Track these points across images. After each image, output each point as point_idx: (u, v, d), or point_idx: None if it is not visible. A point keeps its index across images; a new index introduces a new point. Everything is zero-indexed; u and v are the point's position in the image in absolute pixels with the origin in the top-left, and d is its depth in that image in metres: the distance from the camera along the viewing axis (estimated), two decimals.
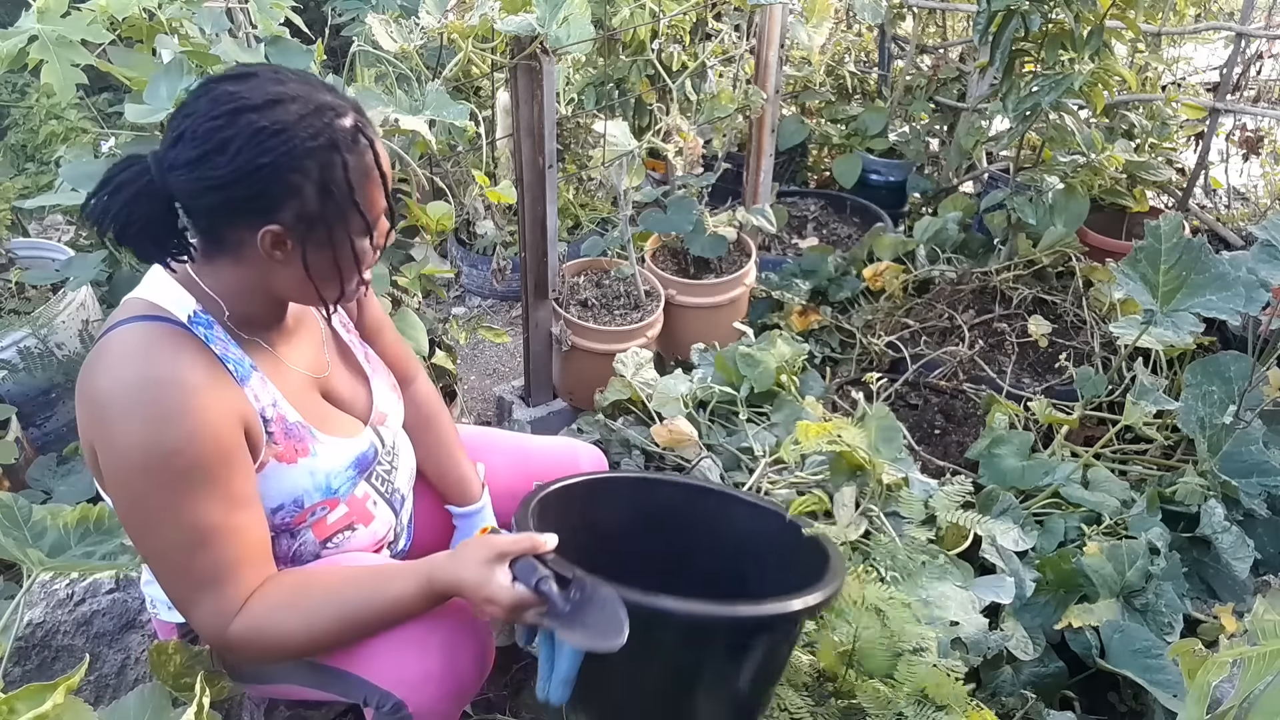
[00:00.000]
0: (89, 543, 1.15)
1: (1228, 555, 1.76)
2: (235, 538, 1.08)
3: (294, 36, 1.97)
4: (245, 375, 1.15)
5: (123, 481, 1.05)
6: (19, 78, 3.70)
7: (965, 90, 3.45)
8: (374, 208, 1.12)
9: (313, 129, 1.05)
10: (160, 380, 1.04)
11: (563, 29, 1.97)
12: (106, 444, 1.05)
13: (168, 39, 1.79)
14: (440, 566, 1.11)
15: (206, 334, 1.12)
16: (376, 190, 1.11)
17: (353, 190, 1.08)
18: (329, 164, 1.05)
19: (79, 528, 1.14)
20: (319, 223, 1.08)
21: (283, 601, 1.11)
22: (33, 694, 0.84)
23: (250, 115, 1.03)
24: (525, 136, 2.08)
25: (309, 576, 1.17)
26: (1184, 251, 1.96)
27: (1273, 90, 3.35)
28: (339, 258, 1.11)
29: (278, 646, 1.11)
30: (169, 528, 1.06)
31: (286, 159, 1.03)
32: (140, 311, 1.11)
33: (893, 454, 1.87)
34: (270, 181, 1.04)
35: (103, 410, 1.04)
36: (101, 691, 1.57)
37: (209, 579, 1.08)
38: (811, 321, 2.77)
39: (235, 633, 1.09)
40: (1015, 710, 1.53)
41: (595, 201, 3.35)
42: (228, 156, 1.02)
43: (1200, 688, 0.85)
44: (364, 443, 1.29)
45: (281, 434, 1.17)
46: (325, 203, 1.07)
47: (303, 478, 1.19)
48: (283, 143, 1.03)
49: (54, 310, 2.29)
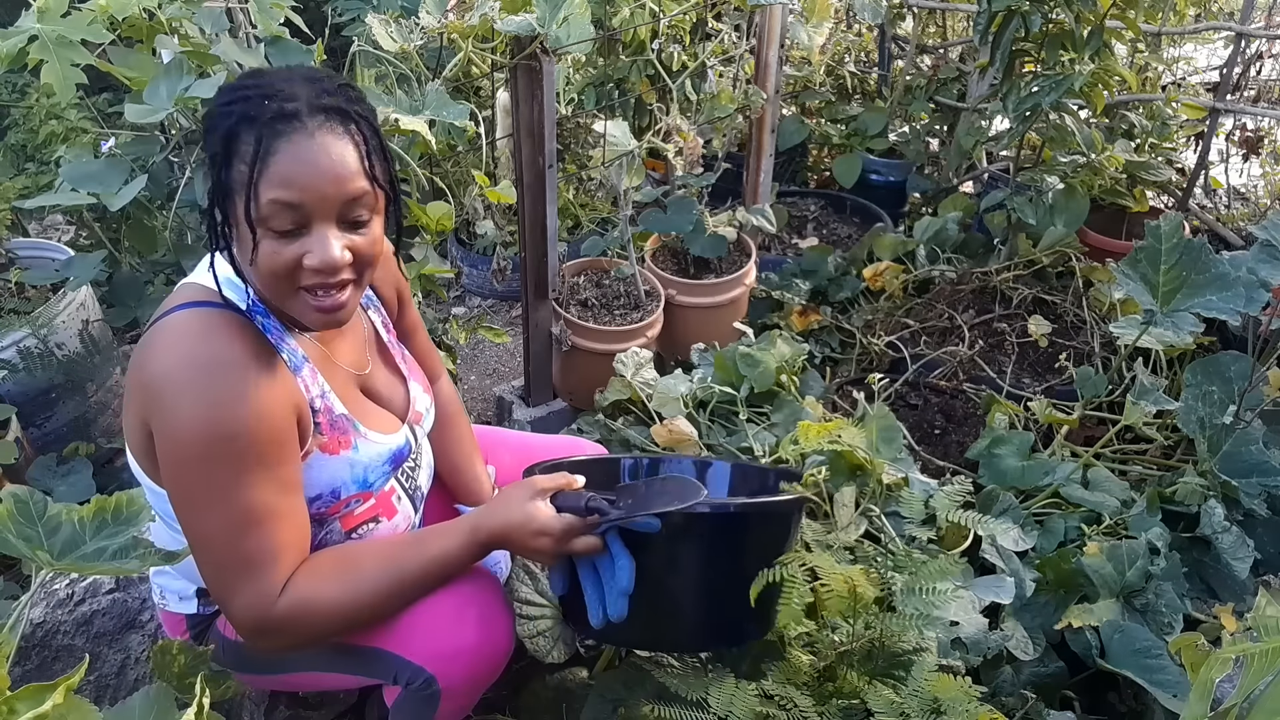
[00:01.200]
0: (104, 536, 1.14)
1: (1228, 555, 1.76)
2: (284, 521, 1.10)
3: (294, 36, 1.97)
4: (298, 365, 1.17)
5: (179, 461, 1.07)
6: (19, 78, 3.70)
7: (965, 90, 3.45)
8: (257, 196, 1.05)
9: (241, 99, 1.06)
10: (222, 362, 1.07)
11: (563, 29, 1.97)
12: (164, 424, 1.06)
13: (167, 39, 1.79)
14: (484, 515, 1.15)
15: (264, 322, 1.15)
16: (260, 179, 1.04)
17: (235, 164, 1.05)
18: (230, 131, 1.05)
19: (96, 519, 1.13)
20: (218, 187, 1.07)
21: (326, 575, 1.13)
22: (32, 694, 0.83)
23: (225, 90, 1.09)
24: (525, 136, 2.08)
25: (347, 550, 1.19)
26: (1184, 252, 1.96)
27: (1273, 90, 3.35)
28: (230, 227, 1.10)
29: (325, 620, 1.12)
30: (221, 508, 1.07)
31: (210, 114, 1.08)
32: (199, 297, 1.13)
33: (893, 454, 1.87)
34: (205, 134, 1.08)
35: (162, 391, 1.06)
36: (101, 691, 1.57)
37: (256, 561, 1.09)
38: (811, 321, 2.77)
39: (280, 612, 1.09)
40: (1015, 710, 1.53)
41: (595, 201, 3.35)
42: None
43: (1203, 684, 0.85)
44: (400, 439, 1.31)
45: (328, 425, 1.19)
46: (220, 166, 1.06)
47: (343, 469, 1.21)
48: (217, 104, 1.07)
49: (54, 310, 2.28)
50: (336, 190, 1.07)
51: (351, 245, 1.10)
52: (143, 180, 1.80)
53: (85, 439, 2.31)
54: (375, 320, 1.39)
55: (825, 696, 1.27)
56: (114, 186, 1.79)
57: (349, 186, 1.08)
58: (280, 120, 1.05)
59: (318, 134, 1.06)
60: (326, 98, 1.08)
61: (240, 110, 1.05)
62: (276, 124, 1.04)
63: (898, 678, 1.28)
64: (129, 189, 1.77)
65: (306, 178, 1.05)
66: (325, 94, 1.09)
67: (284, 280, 1.09)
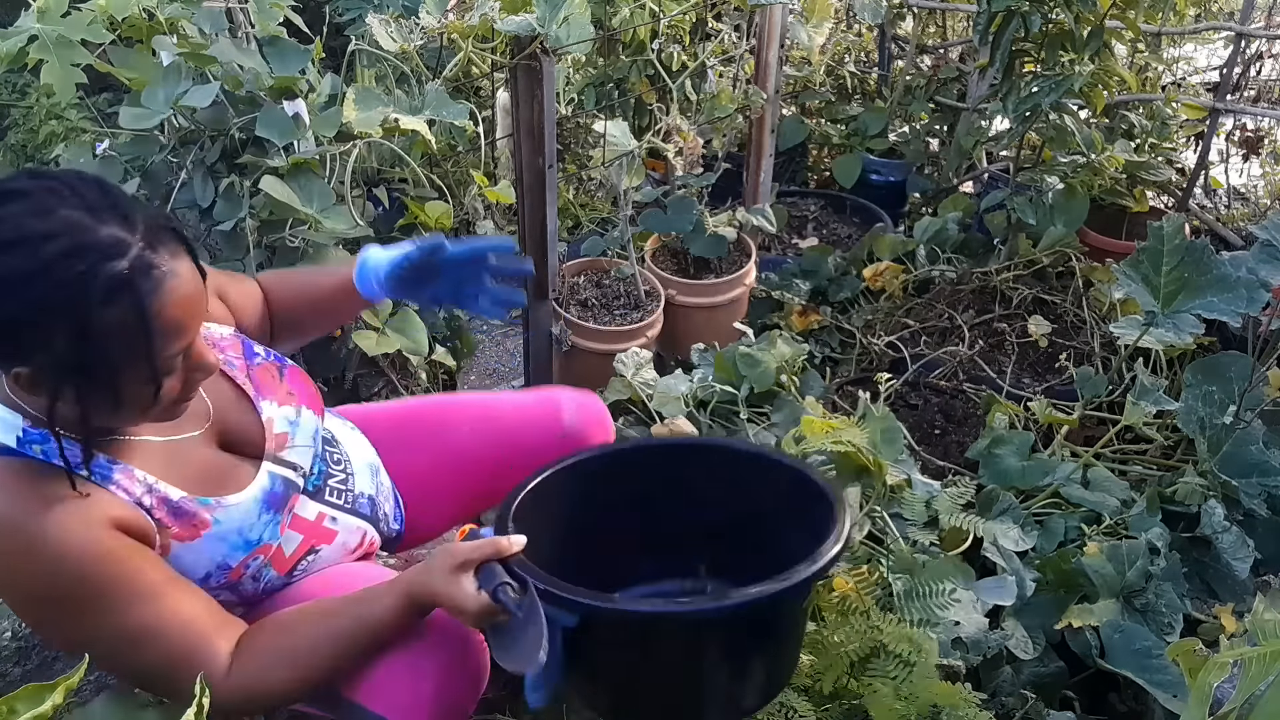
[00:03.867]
0: None
1: (1228, 555, 1.76)
2: (172, 623, 1.04)
3: (294, 36, 1.97)
4: (106, 474, 1.05)
5: (31, 620, 1.05)
6: (19, 78, 3.70)
7: (965, 90, 3.45)
8: (153, 357, 0.98)
9: (64, 276, 0.92)
10: (7, 523, 0.98)
11: (563, 29, 1.97)
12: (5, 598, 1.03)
13: (166, 39, 1.79)
14: (414, 581, 1.10)
15: (44, 449, 1.02)
16: (156, 340, 0.97)
17: (111, 343, 0.95)
18: (83, 317, 0.93)
19: None
20: (78, 371, 0.96)
21: (265, 652, 1.08)
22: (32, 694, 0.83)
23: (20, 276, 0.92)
24: (525, 136, 2.08)
25: (285, 620, 1.12)
26: (1186, 253, 1.96)
27: (1273, 90, 3.35)
28: (118, 398, 1.00)
29: (274, 699, 1.09)
30: (101, 644, 1.01)
31: (25, 311, 0.92)
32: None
33: (894, 455, 1.87)
34: (9, 333, 0.94)
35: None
36: (102, 691, 1.57)
37: (174, 666, 1.03)
38: (811, 321, 2.76)
39: (226, 697, 1.05)
40: (1015, 710, 1.53)
41: (595, 201, 3.35)
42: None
43: (1201, 689, 0.85)
44: (263, 481, 1.18)
45: (169, 517, 1.09)
46: (82, 353, 0.95)
47: (214, 546, 1.13)
48: (22, 292, 0.92)
49: None
50: (205, 307, 1.05)
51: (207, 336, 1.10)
52: (135, 183, 1.80)
53: None
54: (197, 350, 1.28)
55: (824, 700, 1.27)
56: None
57: (207, 297, 1.05)
58: (144, 275, 0.95)
59: (176, 267, 0.99)
60: (157, 226, 0.99)
61: (83, 292, 0.92)
62: (145, 282, 0.95)
63: (897, 681, 1.28)
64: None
65: (191, 313, 1.01)
66: (154, 223, 0.99)
67: (170, 404, 1.05)
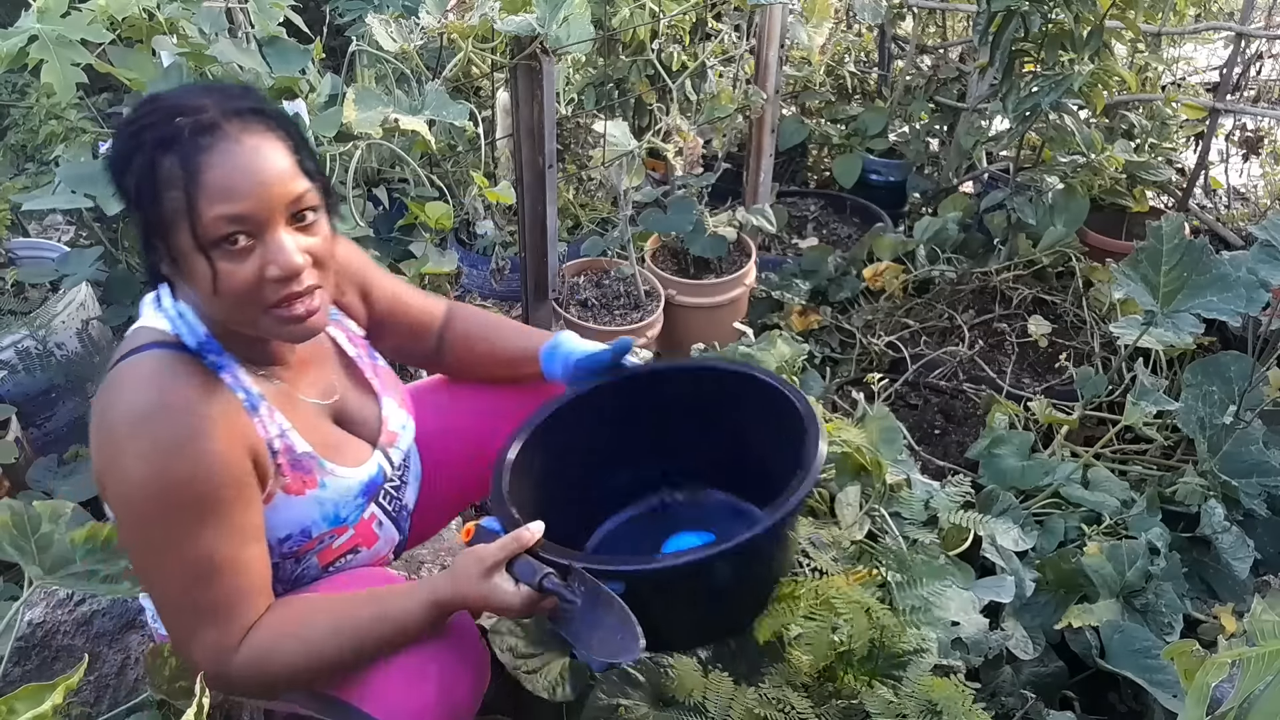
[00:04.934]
0: (94, 560, 1.14)
1: (1228, 555, 1.76)
2: (240, 571, 1.05)
3: (294, 36, 1.97)
4: (254, 404, 1.11)
5: (130, 512, 1.03)
6: (19, 78, 3.69)
7: (965, 90, 3.45)
8: (194, 212, 0.98)
9: (146, 126, 0.99)
10: (170, 408, 1.02)
11: (563, 29, 1.97)
12: (114, 474, 1.02)
13: (166, 39, 1.79)
14: (441, 589, 1.09)
15: (216, 360, 1.10)
16: (199, 196, 0.98)
17: (162, 191, 0.98)
18: (143, 163, 0.99)
19: (86, 544, 1.14)
20: (146, 223, 1.01)
21: (285, 631, 1.07)
22: (32, 694, 0.84)
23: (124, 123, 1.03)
24: (525, 136, 2.08)
25: (310, 605, 1.13)
26: (1185, 253, 1.96)
27: (1273, 90, 3.35)
28: (177, 261, 1.02)
29: (280, 677, 1.08)
30: (174, 560, 1.03)
31: (116, 156, 1.01)
32: (149, 340, 1.08)
33: (893, 455, 1.87)
34: (117, 178, 1.02)
35: (111, 440, 1.02)
36: (101, 692, 1.57)
37: (211, 613, 1.04)
38: (811, 321, 2.76)
39: (238, 666, 1.05)
40: (1015, 710, 1.53)
41: (595, 201, 3.35)
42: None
43: (1199, 689, 0.85)
44: (372, 468, 1.25)
45: (289, 466, 1.14)
46: (143, 198, 1.00)
47: (311, 509, 1.17)
48: (120, 141, 1.02)
49: (53, 310, 2.28)
50: (280, 190, 1.01)
51: (307, 248, 1.05)
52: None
53: (85, 440, 2.29)
54: (339, 336, 1.31)
55: (824, 697, 1.27)
56: (110, 189, 1.79)
57: (290, 185, 1.02)
58: (200, 133, 0.98)
59: (243, 138, 1.00)
60: (236, 101, 1.03)
61: (151, 137, 0.98)
62: (198, 138, 0.98)
63: (896, 678, 1.28)
64: None
65: (247, 184, 0.99)
66: (233, 98, 1.03)
67: (250, 301, 1.03)
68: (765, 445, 1.31)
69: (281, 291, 1.03)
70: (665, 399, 1.41)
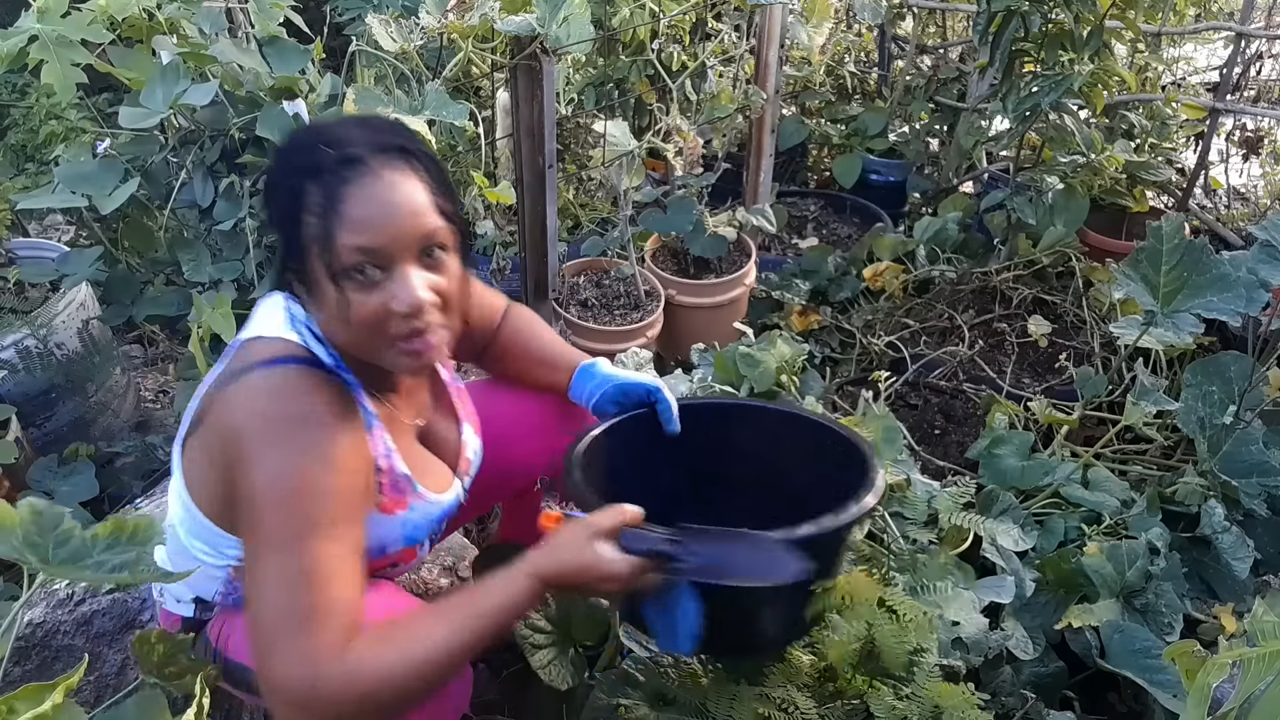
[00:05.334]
0: (111, 553, 1.14)
1: (1228, 555, 1.76)
2: (347, 584, 1.04)
3: (294, 36, 1.97)
4: (370, 424, 1.15)
5: (260, 508, 1.03)
6: (19, 78, 3.70)
7: (965, 90, 3.45)
8: (331, 239, 1.03)
9: (296, 153, 1.06)
10: (313, 419, 1.05)
11: (563, 29, 1.97)
12: (249, 473, 1.04)
13: (165, 39, 1.79)
14: (543, 561, 1.07)
15: (346, 378, 1.14)
16: (336, 225, 1.02)
17: (306, 217, 1.03)
18: (292, 188, 1.04)
19: (109, 538, 1.13)
20: (288, 244, 1.07)
21: (383, 642, 1.01)
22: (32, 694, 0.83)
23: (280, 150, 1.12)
24: (525, 136, 2.08)
25: (397, 616, 1.09)
26: (1185, 253, 1.96)
27: (1273, 90, 3.35)
28: (311, 286, 1.08)
29: (376, 688, 0.98)
30: (290, 558, 1.01)
31: (268, 179, 1.09)
32: (287, 353, 1.11)
33: (893, 454, 1.87)
34: (267, 202, 1.10)
35: (251, 441, 1.04)
36: (102, 691, 1.57)
37: (312, 619, 1.00)
38: (811, 321, 2.76)
39: (329, 677, 0.97)
40: (1015, 710, 1.53)
41: (595, 201, 3.35)
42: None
43: (1200, 690, 0.85)
44: (452, 495, 1.28)
45: (389, 485, 1.17)
46: (286, 222, 1.06)
47: (395, 528, 1.19)
48: (274, 165, 1.08)
49: (53, 310, 2.28)
50: (412, 227, 1.05)
51: (434, 286, 1.07)
52: (135, 183, 1.80)
53: (85, 439, 2.31)
54: None
55: (826, 698, 1.27)
56: (107, 188, 1.79)
57: (423, 222, 1.06)
58: (344, 166, 1.03)
59: (384, 173, 1.04)
60: (384, 137, 1.07)
61: (299, 163, 1.04)
62: (341, 170, 1.03)
63: (898, 679, 1.28)
64: (122, 191, 1.77)
65: (382, 218, 1.03)
66: (381, 134, 1.07)
67: (374, 332, 1.07)
68: (809, 485, 1.33)
69: (405, 326, 1.07)
70: (722, 436, 1.44)
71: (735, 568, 1.07)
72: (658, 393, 1.40)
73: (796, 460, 1.41)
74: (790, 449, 1.43)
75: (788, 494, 1.38)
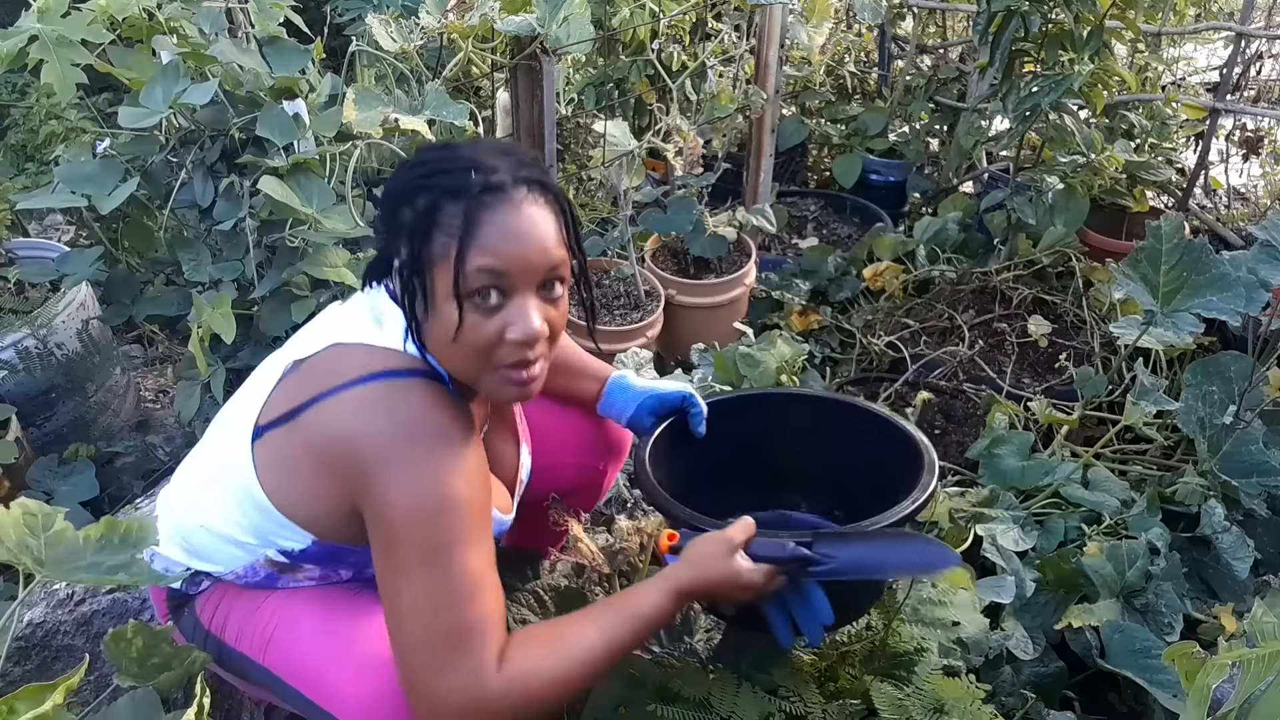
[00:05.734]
0: (106, 554, 1.14)
1: (1228, 555, 1.76)
2: (494, 594, 1.06)
3: (294, 36, 1.97)
4: None
5: (401, 530, 1.03)
6: (19, 78, 3.70)
7: (965, 90, 3.45)
8: (462, 261, 1.04)
9: (439, 172, 1.07)
10: (446, 435, 1.07)
11: (563, 29, 1.97)
12: (386, 493, 1.04)
13: (165, 39, 1.79)
14: (684, 578, 1.13)
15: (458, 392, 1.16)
16: (469, 248, 1.03)
17: (436, 233, 1.05)
18: (430, 203, 1.05)
19: (101, 540, 1.13)
20: (412, 256, 1.07)
21: (538, 647, 1.06)
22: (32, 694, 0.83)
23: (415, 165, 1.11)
24: (525, 136, 2.08)
25: (550, 623, 1.16)
26: (1185, 252, 1.96)
27: (1273, 90, 3.35)
28: (431, 304, 1.07)
29: (541, 694, 1.04)
30: (439, 577, 1.02)
31: (399, 191, 1.09)
32: (394, 365, 1.11)
33: None
34: (391, 209, 1.09)
35: (387, 460, 1.04)
36: (102, 691, 1.57)
37: (470, 635, 1.02)
38: (811, 322, 2.77)
39: (496, 690, 1.01)
40: (1015, 710, 1.53)
41: (595, 201, 3.35)
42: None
43: (1200, 691, 0.85)
44: (508, 518, 1.30)
45: None
46: (416, 234, 1.06)
47: None
48: (409, 179, 1.09)
49: (53, 310, 2.28)
50: (541, 259, 1.07)
51: (548, 318, 1.10)
52: (134, 183, 1.80)
53: (85, 439, 2.31)
54: None
55: (828, 696, 1.27)
56: (107, 188, 1.79)
57: (551, 256, 1.08)
58: (488, 192, 1.05)
59: (523, 205, 1.07)
60: (526, 170, 1.09)
61: (443, 183, 1.06)
62: (484, 195, 1.05)
63: (900, 677, 1.28)
64: (121, 191, 1.77)
65: (514, 247, 1.05)
66: (524, 166, 1.10)
67: (483, 356, 1.08)
68: (861, 472, 1.41)
69: (514, 356, 1.09)
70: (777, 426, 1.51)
71: (889, 563, 1.17)
72: (692, 399, 1.46)
73: (836, 446, 1.48)
74: (834, 435, 1.49)
75: (825, 478, 1.49)
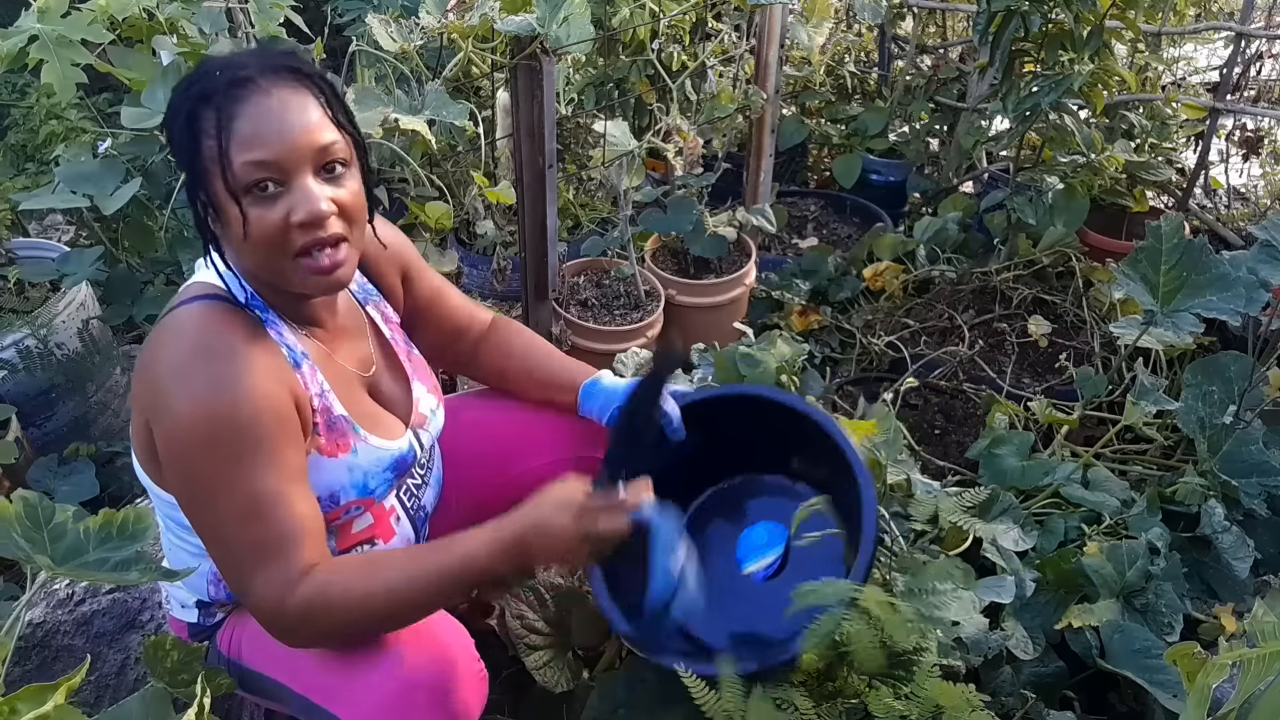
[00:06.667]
0: (107, 548, 1.14)
1: (1228, 555, 1.76)
2: (292, 507, 1.07)
3: (294, 36, 1.97)
4: (297, 361, 1.16)
5: (180, 452, 1.06)
6: (19, 78, 3.70)
7: (965, 90, 3.45)
8: (227, 159, 1.05)
9: (191, 84, 1.07)
10: (217, 350, 1.07)
11: (563, 29, 1.97)
12: (163, 417, 1.06)
13: (166, 39, 1.79)
14: (510, 515, 1.10)
15: (264, 316, 1.16)
16: (231, 144, 1.04)
17: (201, 141, 1.05)
18: (187, 112, 1.06)
19: (101, 531, 1.13)
20: (190, 171, 1.08)
21: (346, 568, 1.08)
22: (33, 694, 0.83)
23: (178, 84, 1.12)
24: (525, 136, 2.08)
25: (371, 553, 1.18)
26: (1185, 252, 1.96)
27: (1273, 90, 3.35)
28: (217, 209, 1.08)
29: (344, 613, 1.06)
30: (226, 496, 1.05)
31: (168, 113, 1.10)
32: (198, 293, 1.13)
33: (893, 455, 1.87)
34: (167, 133, 1.11)
35: (161, 382, 1.06)
36: (102, 691, 1.57)
37: (268, 548, 1.05)
38: (811, 321, 2.76)
39: (298, 600, 1.04)
40: (1015, 710, 1.53)
41: (595, 201, 3.35)
42: None
43: (1200, 691, 0.85)
44: (404, 444, 1.28)
45: (325, 426, 1.17)
46: (186, 147, 1.07)
47: (341, 473, 1.19)
48: (171, 101, 1.09)
49: (53, 310, 2.28)
50: (306, 139, 1.07)
51: (334, 198, 1.10)
52: (137, 183, 1.80)
53: (85, 439, 2.31)
54: (375, 315, 1.35)
55: (825, 697, 1.27)
56: (109, 188, 1.79)
57: (317, 135, 1.08)
58: (235, 86, 1.05)
59: (274, 91, 1.07)
60: (275, 59, 1.10)
61: (194, 92, 1.06)
62: (233, 90, 1.05)
63: (898, 678, 1.28)
64: (123, 191, 1.77)
65: (273, 132, 1.05)
66: (271, 56, 1.10)
67: (277, 247, 1.08)
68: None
69: (306, 238, 1.08)
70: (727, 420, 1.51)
71: (650, 391, 1.24)
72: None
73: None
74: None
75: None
